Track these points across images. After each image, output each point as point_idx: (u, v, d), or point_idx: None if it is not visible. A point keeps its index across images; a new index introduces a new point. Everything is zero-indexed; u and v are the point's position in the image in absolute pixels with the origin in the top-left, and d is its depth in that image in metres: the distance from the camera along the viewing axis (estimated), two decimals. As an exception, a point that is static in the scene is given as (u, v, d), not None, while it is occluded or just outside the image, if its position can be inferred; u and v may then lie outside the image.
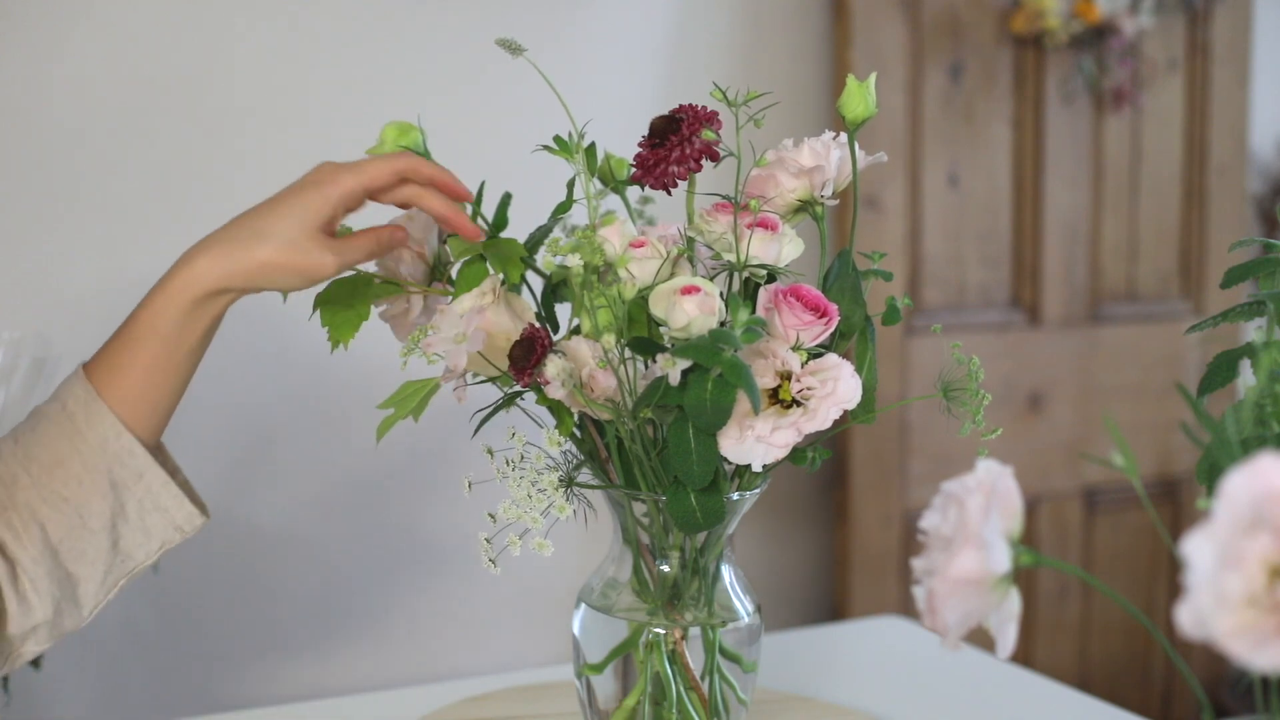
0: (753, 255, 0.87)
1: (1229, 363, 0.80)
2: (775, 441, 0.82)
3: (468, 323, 0.83)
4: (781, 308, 0.85)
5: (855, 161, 0.90)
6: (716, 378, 0.78)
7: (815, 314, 0.85)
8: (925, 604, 0.59)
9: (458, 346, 0.83)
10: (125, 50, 1.50)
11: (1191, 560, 0.45)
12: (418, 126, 0.94)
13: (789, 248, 0.88)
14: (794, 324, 0.84)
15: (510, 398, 0.91)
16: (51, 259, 1.49)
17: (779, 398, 0.84)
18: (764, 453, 0.82)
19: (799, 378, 0.83)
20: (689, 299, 0.81)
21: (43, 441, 0.84)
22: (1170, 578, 2.25)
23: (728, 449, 0.83)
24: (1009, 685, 1.29)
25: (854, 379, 0.84)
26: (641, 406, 0.83)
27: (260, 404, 1.61)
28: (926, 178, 1.99)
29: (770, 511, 1.99)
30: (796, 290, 0.86)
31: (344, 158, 0.90)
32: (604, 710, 0.96)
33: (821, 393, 0.83)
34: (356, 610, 1.69)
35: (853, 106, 0.89)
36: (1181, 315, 2.25)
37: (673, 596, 0.94)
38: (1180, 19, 2.19)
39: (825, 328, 0.85)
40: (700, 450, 0.82)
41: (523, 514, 0.87)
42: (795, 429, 0.82)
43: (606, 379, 0.83)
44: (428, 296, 0.94)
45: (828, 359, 0.84)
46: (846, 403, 0.83)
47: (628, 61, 1.80)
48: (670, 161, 0.85)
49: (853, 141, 0.89)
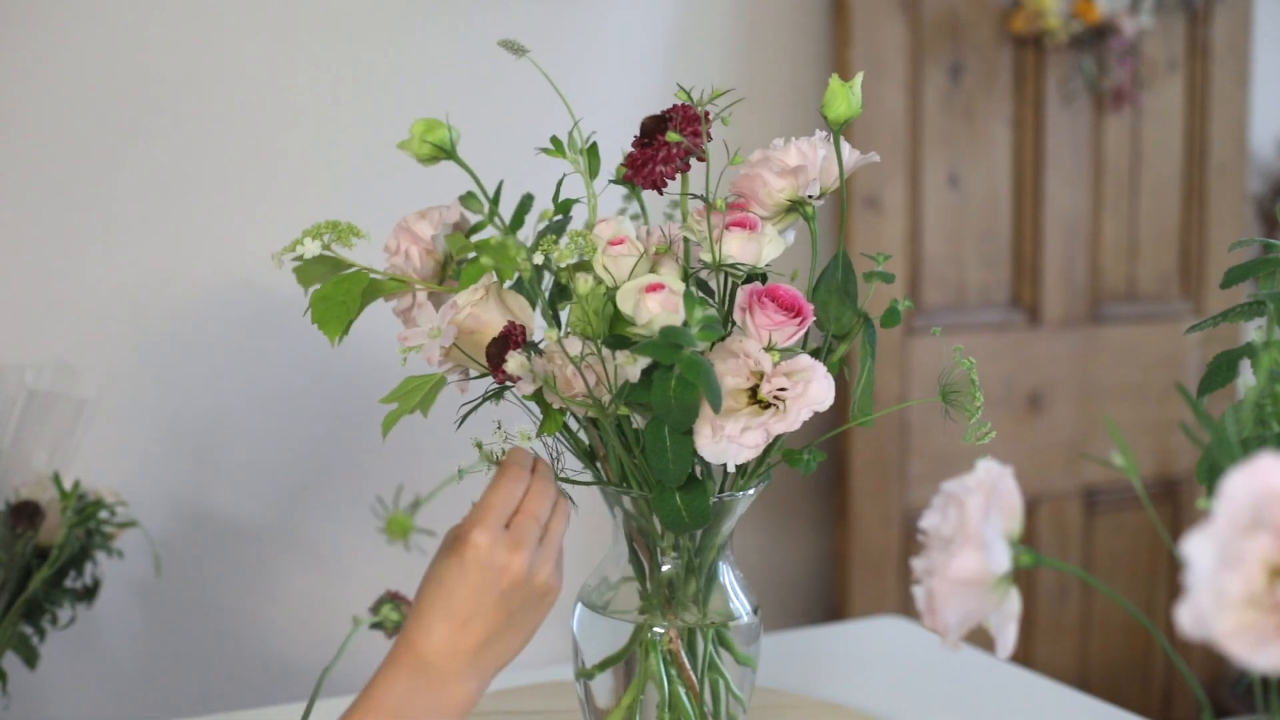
0: (733, 255, 0.87)
1: (1229, 363, 0.80)
2: (745, 442, 0.82)
3: (443, 317, 0.84)
4: (754, 307, 0.85)
5: (841, 161, 0.89)
6: (678, 376, 0.78)
7: (789, 314, 0.85)
8: (925, 604, 0.59)
9: (432, 340, 0.84)
10: (125, 50, 1.50)
11: (1191, 560, 0.45)
12: (446, 123, 0.94)
13: (769, 247, 0.88)
14: (765, 324, 0.84)
15: (495, 393, 0.91)
16: (51, 264, 1.49)
17: (757, 398, 0.84)
18: (735, 452, 0.82)
19: (769, 378, 0.83)
20: (652, 296, 0.81)
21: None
22: (1170, 578, 2.25)
23: (703, 448, 0.83)
24: (1009, 685, 1.29)
25: (826, 380, 0.83)
26: (616, 404, 0.83)
27: (261, 404, 1.61)
28: (926, 178, 1.99)
29: (770, 511, 1.99)
30: (773, 290, 0.85)
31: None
32: (603, 710, 0.96)
33: (793, 393, 0.83)
34: (356, 610, 1.69)
35: (835, 106, 0.88)
36: (1181, 315, 2.24)
37: (671, 596, 0.94)
38: (1180, 19, 2.19)
39: (798, 328, 0.85)
40: (675, 449, 0.82)
41: None
42: (764, 430, 0.82)
43: (579, 377, 0.84)
44: (434, 293, 0.95)
45: (800, 359, 0.84)
46: (818, 404, 0.82)
47: (628, 61, 1.80)
48: (657, 161, 0.85)
49: (838, 141, 0.89)
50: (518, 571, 0.78)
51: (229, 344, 1.59)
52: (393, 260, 0.94)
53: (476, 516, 0.79)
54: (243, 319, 1.59)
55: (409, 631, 0.80)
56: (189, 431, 1.58)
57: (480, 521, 0.79)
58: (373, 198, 1.58)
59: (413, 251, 0.93)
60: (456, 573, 0.78)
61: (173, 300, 1.54)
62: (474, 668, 0.79)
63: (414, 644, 0.79)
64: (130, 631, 1.56)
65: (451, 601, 0.78)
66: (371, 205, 0.99)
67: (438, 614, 0.78)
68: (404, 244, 0.93)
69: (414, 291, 0.94)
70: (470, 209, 0.95)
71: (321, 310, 0.91)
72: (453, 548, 0.79)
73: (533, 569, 0.79)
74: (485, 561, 0.78)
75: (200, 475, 1.59)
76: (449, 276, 0.96)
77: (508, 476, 0.81)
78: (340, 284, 0.92)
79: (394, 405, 0.88)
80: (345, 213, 1.01)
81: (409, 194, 1.08)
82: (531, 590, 0.80)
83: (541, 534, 0.81)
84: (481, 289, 0.88)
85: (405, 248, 0.93)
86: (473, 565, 0.78)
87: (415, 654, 0.79)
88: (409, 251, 0.93)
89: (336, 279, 0.92)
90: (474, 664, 0.79)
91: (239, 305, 1.56)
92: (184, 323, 1.55)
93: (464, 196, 0.94)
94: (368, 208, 1.14)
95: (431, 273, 0.95)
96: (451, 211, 0.95)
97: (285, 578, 1.64)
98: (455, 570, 0.78)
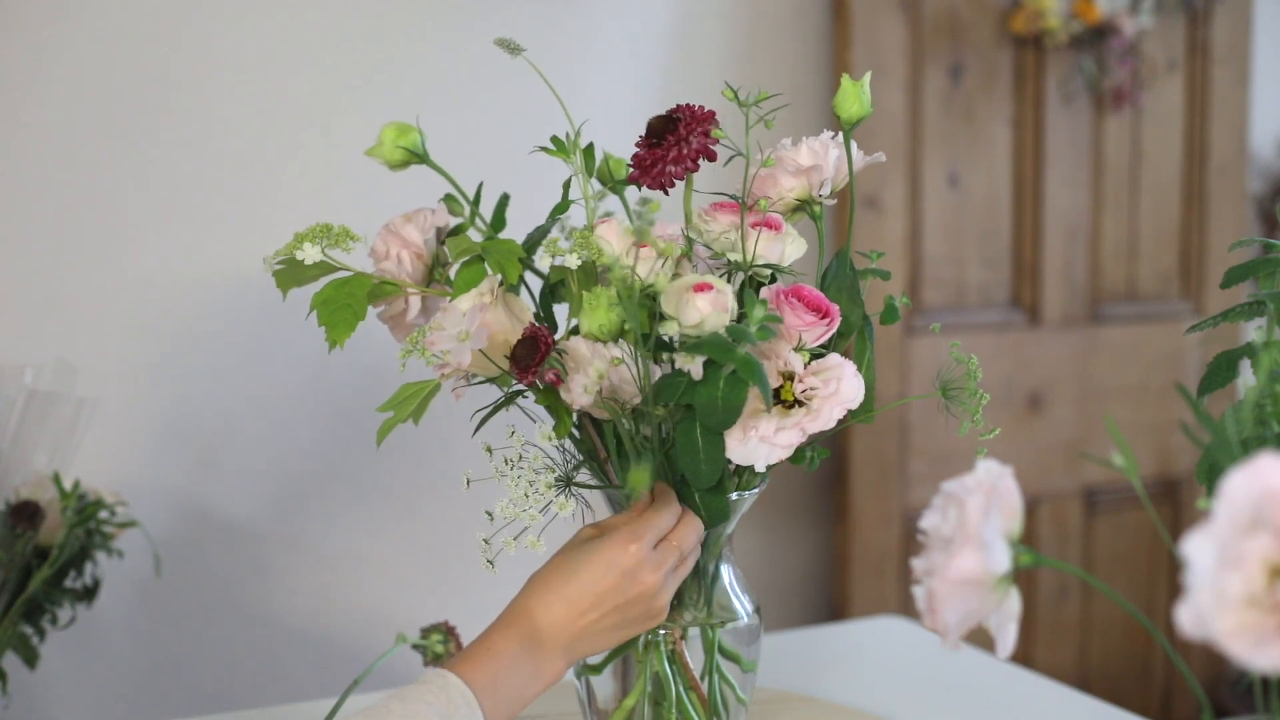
0: (758, 255, 0.87)
1: (1229, 363, 0.80)
2: (779, 442, 0.83)
3: (471, 320, 0.84)
4: (784, 308, 0.85)
5: (851, 161, 0.90)
6: (729, 375, 0.79)
7: (817, 314, 0.85)
8: (925, 604, 0.59)
9: (461, 344, 0.83)
10: (126, 51, 1.50)
11: (1191, 560, 0.45)
12: (416, 127, 0.94)
13: (792, 247, 0.88)
14: (796, 324, 0.85)
15: (511, 397, 0.91)
16: (51, 264, 1.49)
17: (781, 398, 0.84)
18: (767, 453, 0.82)
19: (801, 378, 0.83)
20: (702, 296, 0.81)
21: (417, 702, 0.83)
22: (1170, 578, 2.25)
23: (732, 450, 0.83)
24: (1009, 685, 1.29)
25: (856, 378, 0.84)
26: (656, 405, 0.83)
27: (261, 404, 1.61)
28: (926, 178, 1.99)
29: (770, 511, 1.99)
30: (798, 291, 0.86)
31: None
32: (603, 710, 0.96)
33: (824, 393, 0.83)
34: (356, 610, 1.69)
35: (847, 106, 0.89)
36: (1181, 315, 2.25)
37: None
38: (1180, 19, 2.19)
39: (828, 328, 0.85)
40: (708, 450, 0.82)
41: (520, 513, 0.87)
42: (799, 429, 0.82)
43: (616, 377, 0.84)
44: (425, 297, 0.94)
45: (830, 359, 0.85)
46: (850, 402, 0.83)
47: (628, 61, 1.80)
48: (667, 161, 0.85)
49: (848, 141, 0.89)
50: (649, 589, 0.86)
51: (229, 344, 1.59)
52: (382, 265, 0.94)
53: (638, 530, 0.86)
54: (243, 319, 1.59)
55: (529, 601, 0.86)
56: (189, 431, 1.58)
57: (640, 537, 0.86)
58: (373, 200, 1.58)
59: (404, 256, 0.93)
60: (600, 569, 0.85)
61: (173, 300, 1.54)
62: (571, 650, 0.86)
63: (532, 613, 0.86)
64: (130, 631, 1.56)
65: (582, 589, 0.85)
66: (371, 208, 0.99)
67: (564, 595, 0.85)
68: (394, 248, 0.93)
69: (406, 296, 0.94)
70: (452, 211, 0.94)
71: (328, 314, 0.90)
72: (600, 547, 0.86)
73: (660, 592, 0.87)
74: (629, 570, 0.85)
75: (200, 475, 1.59)
76: (435, 280, 0.95)
77: (668, 506, 0.88)
78: (342, 287, 0.91)
79: (389, 414, 0.88)
80: (346, 215, 1.01)
81: (407, 196, 1.08)
82: (648, 609, 0.87)
83: (677, 564, 0.88)
84: (489, 292, 0.88)
85: (396, 252, 0.93)
86: (617, 569, 0.85)
87: (531, 622, 0.85)
88: (400, 256, 0.93)
89: (338, 282, 0.92)
90: (572, 647, 0.86)
91: (239, 305, 1.56)
92: (184, 323, 1.55)
93: (446, 198, 0.94)
94: (367, 211, 1.14)
95: (420, 276, 0.94)
96: (439, 215, 0.95)
97: (285, 578, 1.64)
98: (599, 566, 0.85)
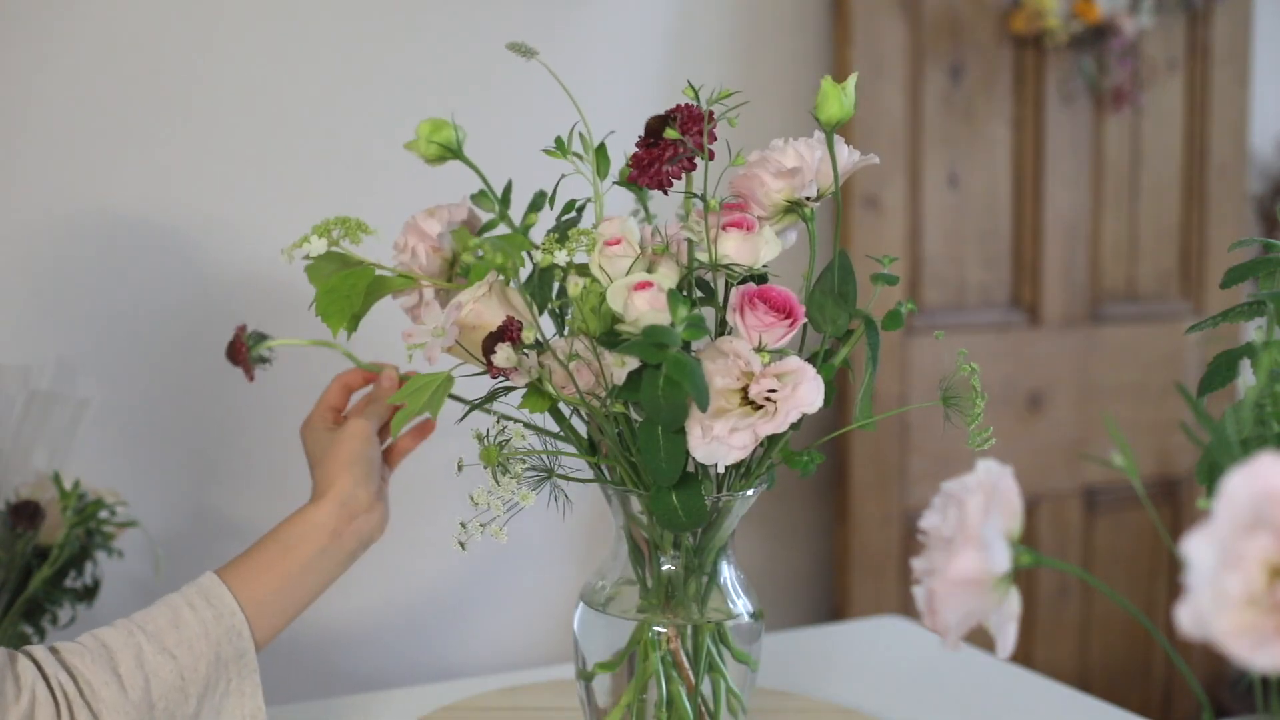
0: (730, 256, 0.87)
1: (1229, 363, 0.80)
2: (733, 443, 0.82)
3: (448, 316, 0.85)
4: (745, 309, 0.85)
5: (835, 163, 0.89)
6: (666, 375, 0.78)
7: (779, 315, 0.84)
8: (925, 604, 0.59)
9: (435, 339, 0.84)
10: (127, 49, 1.50)
11: (1191, 560, 0.45)
12: (452, 123, 0.94)
13: (766, 248, 0.88)
14: (756, 325, 0.84)
15: (488, 398, 0.92)
16: (51, 264, 1.49)
17: (749, 399, 0.84)
18: (724, 454, 0.82)
19: (759, 379, 0.83)
20: (640, 294, 0.81)
21: (161, 610, 0.89)
22: (1170, 578, 2.25)
23: (694, 448, 0.83)
24: (1009, 685, 1.29)
25: (815, 382, 0.83)
26: (611, 401, 0.84)
27: (261, 404, 1.61)
28: (926, 178, 1.99)
29: (770, 511, 1.99)
30: (765, 291, 0.85)
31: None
32: (603, 709, 0.96)
33: (782, 395, 0.82)
34: (356, 610, 1.69)
35: (828, 108, 0.87)
36: (1181, 315, 2.25)
37: (671, 596, 0.94)
38: (1180, 19, 2.19)
39: (788, 329, 0.84)
40: (668, 448, 0.82)
41: (493, 501, 0.88)
42: (751, 431, 0.82)
43: (579, 374, 0.84)
44: (439, 290, 0.95)
45: (789, 361, 0.84)
46: (807, 406, 0.82)
47: (628, 61, 1.80)
48: (664, 161, 0.85)
49: (831, 143, 0.88)
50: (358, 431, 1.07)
51: (229, 344, 1.59)
52: (400, 258, 0.95)
53: None
54: (243, 318, 1.59)
55: None
56: (189, 431, 1.58)
57: None
58: (380, 196, 1.58)
59: (420, 249, 0.94)
60: None
61: (173, 300, 1.54)
62: None
63: None
64: (130, 631, 1.56)
65: None
66: (379, 203, 0.99)
67: None
68: (412, 241, 0.94)
69: (420, 289, 0.95)
70: (482, 208, 0.95)
71: (326, 303, 0.91)
72: None
73: None
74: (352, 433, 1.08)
75: (200, 475, 1.59)
76: (456, 274, 0.96)
77: None
78: (346, 278, 0.92)
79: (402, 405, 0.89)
80: (352, 211, 1.01)
81: (417, 192, 1.08)
82: None
83: None
84: (485, 286, 0.88)
85: (413, 245, 0.94)
86: None
87: None
88: (416, 249, 0.94)
89: (343, 273, 0.93)
90: None
91: (239, 305, 1.55)
92: (184, 323, 1.55)
93: (476, 195, 0.95)
94: (375, 206, 1.14)
95: (439, 270, 0.95)
96: (460, 210, 0.95)
97: (285, 578, 1.64)
98: None
